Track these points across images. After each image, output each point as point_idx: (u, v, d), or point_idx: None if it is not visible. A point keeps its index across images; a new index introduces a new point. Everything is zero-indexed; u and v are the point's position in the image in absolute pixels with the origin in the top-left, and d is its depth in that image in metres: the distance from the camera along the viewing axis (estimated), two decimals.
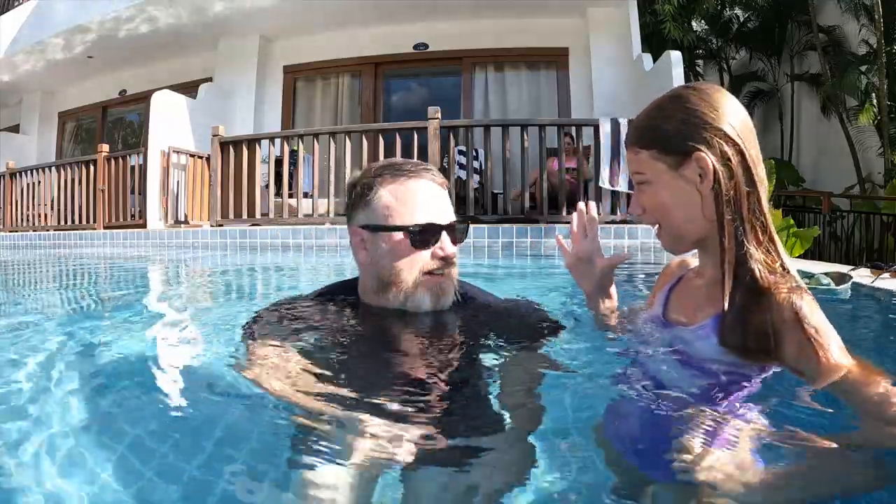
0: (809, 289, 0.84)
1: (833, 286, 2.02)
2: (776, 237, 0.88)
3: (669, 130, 0.90)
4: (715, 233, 0.88)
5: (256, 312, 1.18)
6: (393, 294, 1.09)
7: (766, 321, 0.80)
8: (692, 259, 1.01)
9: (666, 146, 0.90)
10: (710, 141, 0.87)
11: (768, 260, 0.85)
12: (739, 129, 0.88)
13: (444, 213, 1.11)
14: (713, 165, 0.86)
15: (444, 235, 1.09)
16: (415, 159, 1.22)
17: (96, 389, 1.14)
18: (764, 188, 0.88)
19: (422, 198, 1.09)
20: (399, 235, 1.07)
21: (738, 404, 0.82)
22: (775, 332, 0.79)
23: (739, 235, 0.86)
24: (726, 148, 0.86)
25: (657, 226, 0.96)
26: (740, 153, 0.87)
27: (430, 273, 1.09)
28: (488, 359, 1.07)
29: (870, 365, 0.74)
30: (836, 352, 0.75)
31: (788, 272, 0.86)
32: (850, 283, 2.06)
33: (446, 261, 1.10)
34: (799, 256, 5.60)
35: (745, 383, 0.84)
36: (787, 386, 0.82)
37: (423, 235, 1.07)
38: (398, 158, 1.20)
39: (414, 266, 1.08)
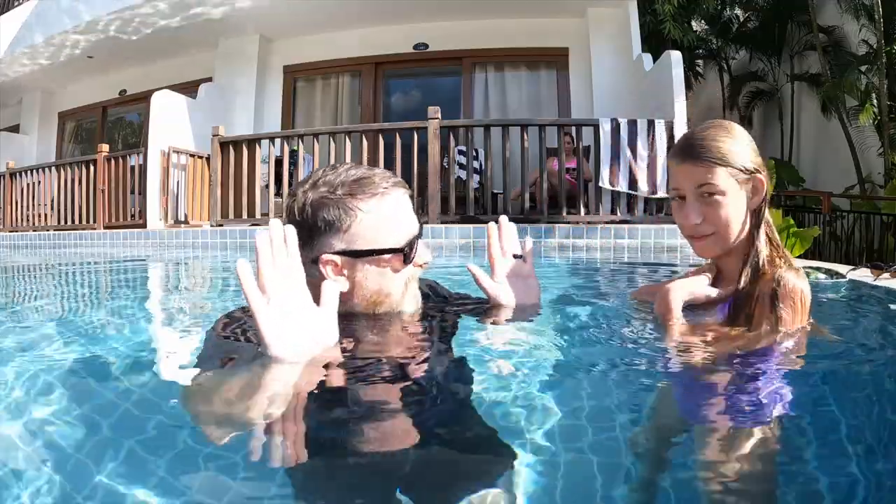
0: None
1: (825, 281, 2.08)
2: (778, 238, 1.13)
3: (741, 152, 1.08)
4: (743, 239, 1.10)
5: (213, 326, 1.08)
6: (384, 307, 1.11)
7: (757, 295, 1.06)
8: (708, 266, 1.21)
9: (739, 165, 1.07)
10: (761, 165, 1.10)
11: (773, 255, 1.10)
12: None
13: (416, 220, 1.11)
14: (766, 185, 1.09)
15: (420, 243, 1.10)
16: (362, 165, 1.14)
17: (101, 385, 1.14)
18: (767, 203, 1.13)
19: (401, 215, 1.07)
20: (388, 256, 1.06)
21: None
22: (761, 300, 1.05)
23: (762, 238, 1.10)
24: (765, 172, 1.11)
25: (710, 235, 1.10)
26: (767, 177, 1.11)
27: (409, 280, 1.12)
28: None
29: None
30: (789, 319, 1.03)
31: (791, 263, 1.10)
32: (845, 280, 2.10)
33: (423, 266, 1.14)
34: (799, 256, 5.60)
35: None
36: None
37: (412, 251, 1.08)
38: (354, 170, 1.07)
39: (403, 279, 1.10)
